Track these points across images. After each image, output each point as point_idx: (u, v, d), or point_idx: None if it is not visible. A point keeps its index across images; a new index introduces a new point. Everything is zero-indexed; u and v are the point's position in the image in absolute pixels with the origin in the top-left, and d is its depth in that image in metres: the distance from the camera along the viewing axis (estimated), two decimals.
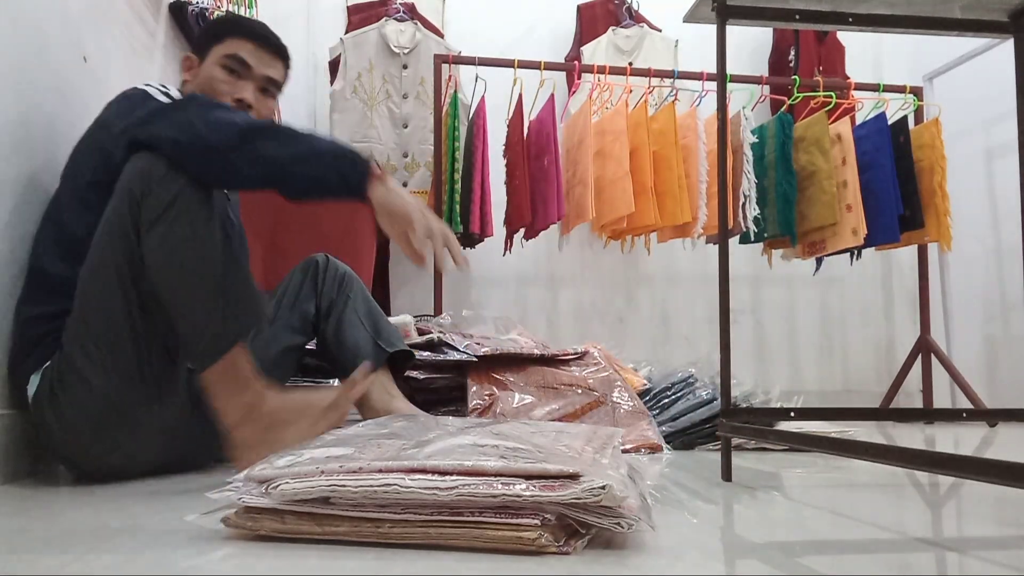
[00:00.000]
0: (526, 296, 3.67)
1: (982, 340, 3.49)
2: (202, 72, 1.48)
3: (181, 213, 1.19)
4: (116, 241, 1.20)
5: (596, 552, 0.80)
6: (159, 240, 1.19)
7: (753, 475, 1.50)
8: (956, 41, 3.19)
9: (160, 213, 1.18)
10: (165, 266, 1.20)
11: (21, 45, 1.40)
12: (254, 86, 1.48)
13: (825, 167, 3.04)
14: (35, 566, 0.79)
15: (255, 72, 1.48)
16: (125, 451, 1.28)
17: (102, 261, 1.22)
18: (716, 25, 1.39)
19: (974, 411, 1.88)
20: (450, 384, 1.93)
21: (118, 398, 1.24)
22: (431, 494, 0.79)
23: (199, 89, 1.46)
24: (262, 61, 1.49)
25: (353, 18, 3.44)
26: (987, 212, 3.45)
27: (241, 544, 0.82)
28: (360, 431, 1.08)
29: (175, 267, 1.20)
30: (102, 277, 1.22)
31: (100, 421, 1.24)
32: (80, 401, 1.23)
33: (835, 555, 0.88)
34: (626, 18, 3.62)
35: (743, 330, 3.77)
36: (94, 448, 1.26)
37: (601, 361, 2.10)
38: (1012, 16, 1.41)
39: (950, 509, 1.24)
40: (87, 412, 1.23)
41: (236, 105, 1.44)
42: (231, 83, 1.46)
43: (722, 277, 1.36)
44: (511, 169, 3.11)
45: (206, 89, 1.45)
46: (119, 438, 1.26)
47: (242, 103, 1.45)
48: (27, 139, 1.41)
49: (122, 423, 1.25)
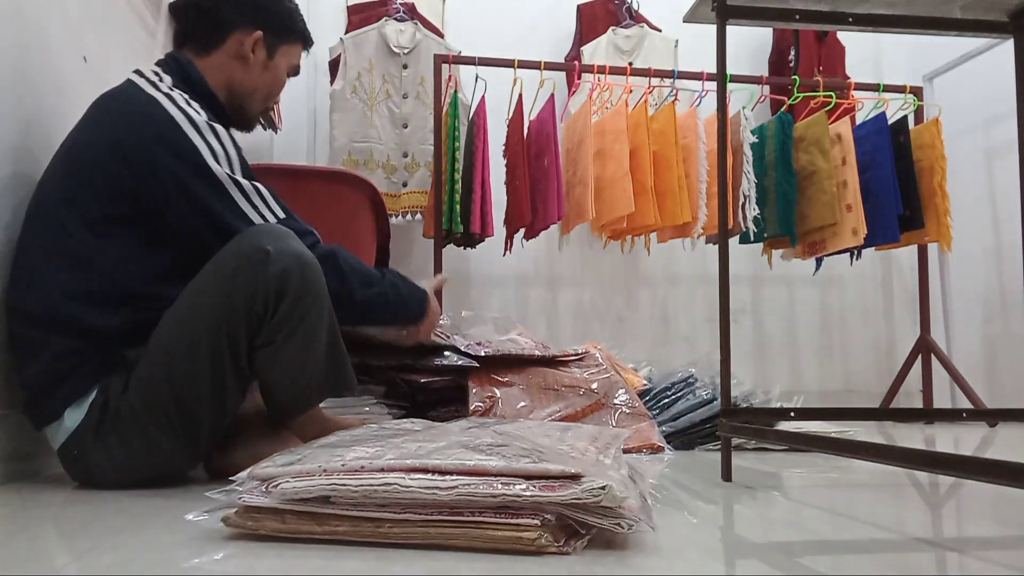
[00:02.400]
0: (526, 296, 3.67)
1: (982, 340, 3.49)
2: (273, 69, 1.48)
3: (301, 332, 1.24)
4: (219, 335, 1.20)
5: (596, 552, 0.80)
6: (273, 359, 1.24)
7: (753, 475, 1.50)
8: (956, 41, 3.19)
9: (277, 336, 1.22)
10: (276, 375, 1.27)
11: (21, 45, 1.40)
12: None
13: (825, 167, 3.04)
14: (35, 566, 0.79)
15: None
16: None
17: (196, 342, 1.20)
18: (716, 25, 1.39)
19: (974, 411, 1.88)
20: (450, 385, 1.92)
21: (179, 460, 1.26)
22: (431, 494, 0.79)
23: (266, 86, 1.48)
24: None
25: (353, 18, 3.44)
26: (987, 212, 3.45)
27: (241, 544, 0.82)
28: (375, 432, 1.09)
29: (285, 378, 1.28)
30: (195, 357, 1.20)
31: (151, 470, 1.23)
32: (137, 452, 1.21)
33: (835, 555, 0.88)
34: (626, 18, 3.61)
35: (743, 330, 3.76)
36: (127, 480, 1.24)
37: (602, 362, 2.09)
38: (1012, 16, 1.41)
39: (950, 509, 1.24)
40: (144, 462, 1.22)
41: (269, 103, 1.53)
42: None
43: (722, 277, 1.36)
44: (511, 169, 3.11)
45: (273, 90, 1.50)
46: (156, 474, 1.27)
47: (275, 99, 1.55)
48: (27, 139, 1.41)
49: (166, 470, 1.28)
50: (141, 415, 1.20)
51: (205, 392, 1.21)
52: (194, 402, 1.21)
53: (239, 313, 1.19)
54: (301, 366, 1.27)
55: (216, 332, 1.19)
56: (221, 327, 1.19)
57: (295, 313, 1.21)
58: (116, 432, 1.20)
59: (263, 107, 1.51)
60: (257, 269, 1.18)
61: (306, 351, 1.25)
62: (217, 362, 1.20)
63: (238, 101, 1.46)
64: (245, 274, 1.19)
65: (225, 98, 1.44)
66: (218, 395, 1.22)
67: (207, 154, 1.26)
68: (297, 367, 1.27)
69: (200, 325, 1.19)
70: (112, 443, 1.21)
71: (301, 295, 1.21)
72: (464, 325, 2.20)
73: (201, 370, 1.20)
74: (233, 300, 1.18)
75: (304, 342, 1.24)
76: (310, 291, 1.23)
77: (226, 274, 1.20)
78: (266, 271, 1.18)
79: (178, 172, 1.24)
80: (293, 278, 1.20)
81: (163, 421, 1.20)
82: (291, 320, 1.21)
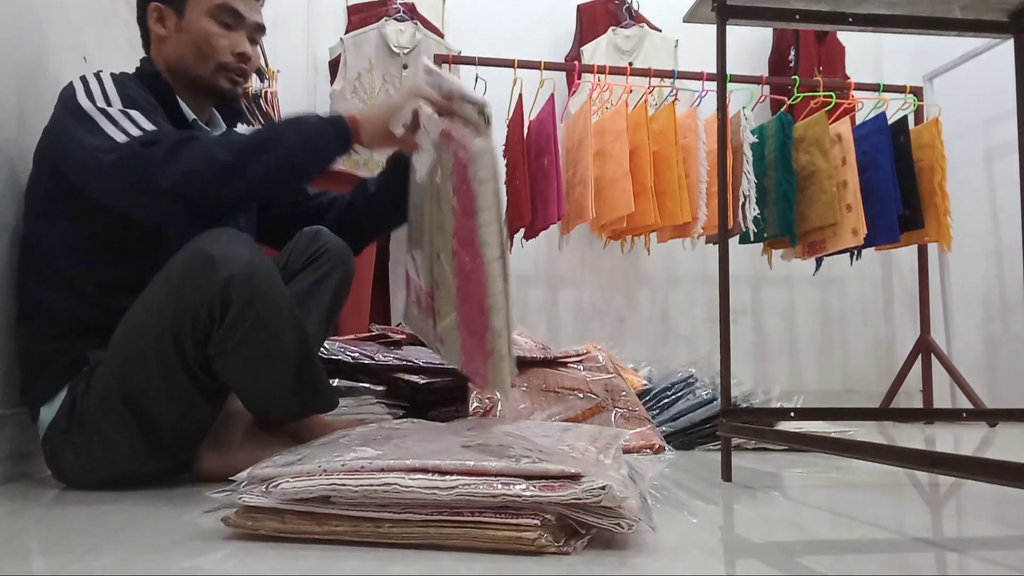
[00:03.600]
0: (526, 296, 3.67)
1: (982, 340, 3.49)
2: (188, 27, 1.34)
3: (254, 341, 1.17)
4: (166, 342, 1.15)
5: (596, 552, 0.80)
6: (228, 367, 1.19)
7: (753, 475, 1.50)
8: (956, 41, 3.18)
9: (227, 346, 1.16)
10: (238, 383, 1.23)
11: (21, 45, 1.40)
12: (247, 33, 1.37)
13: (825, 167, 3.04)
14: (35, 566, 0.79)
15: (247, 20, 1.37)
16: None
17: (144, 348, 1.16)
18: (716, 25, 1.39)
19: (974, 411, 1.88)
20: (450, 385, 1.92)
21: (140, 462, 1.23)
22: (431, 494, 0.79)
23: (191, 46, 1.34)
24: (251, 8, 1.38)
25: (353, 18, 3.44)
26: (987, 212, 3.45)
27: (241, 544, 0.82)
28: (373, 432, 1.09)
29: (248, 387, 1.24)
30: (145, 362, 1.17)
31: (111, 472, 1.23)
32: (97, 453, 1.21)
33: (835, 555, 0.88)
34: (626, 18, 3.61)
35: (743, 330, 3.76)
36: (91, 480, 1.24)
37: (604, 364, 2.09)
38: (1012, 16, 1.41)
39: (950, 509, 1.24)
40: (104, 463, 1.22)
41: (237, 60, 1.35)
42: (228, 37, 1.35)
43: (722, 277, 1.36)
44: (511, 169, 3.11)
45: (200, 45, 1.33)
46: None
47: (243, 57, 1.36)
48: (27, 139, 1.41)
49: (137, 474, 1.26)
50: (97, 416, 1.19)
51: (160, 396, 1.18)
52: (149, 405, 1.18)
53: (185, 321, 1.14)
54: (261, 376, 1.21)
55: (163, 339, 1.15)
56: (167, 334, 1.15)
57: (243, 322, 1.14)
58: (80, 432, 1.21)
59: (209, 68, 1.35)
60: (202, 276, 1.13)
61: (263, 360, 1.19)
62: (168, 368, 1.16)
63: (184, 77, 1.36)
64: (191, 280, 1.14)
65: (174, 81, 1.37)
66: (175, 399, 1.19)
67: (81, 93, 1.23)
68: (257, 377, 1.21)
69: (148, 331, 1.16)
70: (77, 443, 1.21)
71: (248, 303, 1.14)
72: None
73: (152, 375, 1.17)
74: (179, 306, 1.14)
75: (259, 351, 1.18)
76: (259, 299, 1.15)
77: (173, 280, 1.16)
78: (210, 278, 1.12)
79: (60, 119, 1.25)
80: (238, 284, 1.13)
81: (118, 423, 1.19)
82: (239, 329, 1.14)
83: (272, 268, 1.20)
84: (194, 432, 1.26)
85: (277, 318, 1.18)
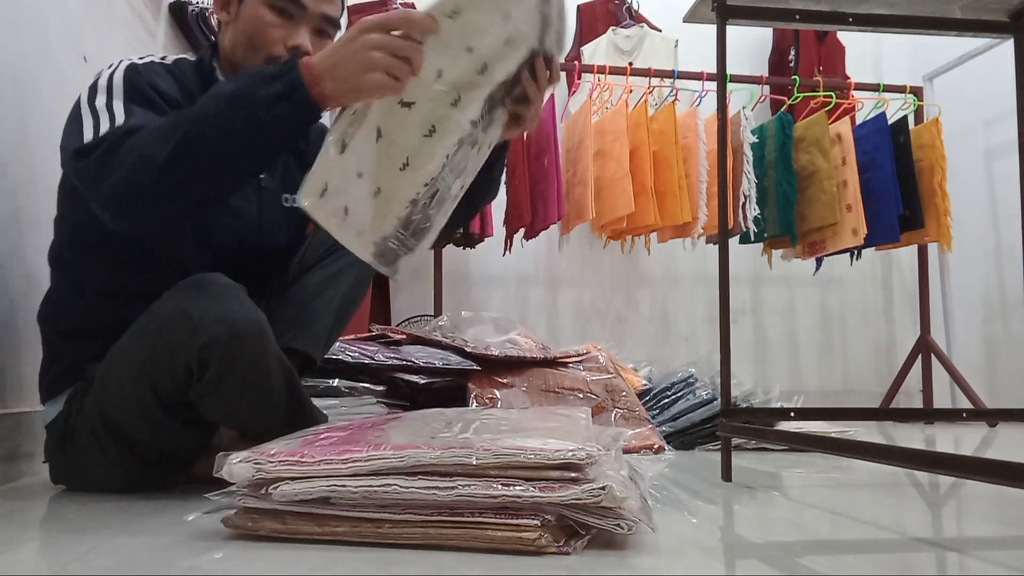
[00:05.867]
0: (526, 296, 3.67)
1: (982, 340, 3.49)
2: (244, 14, 1.22)
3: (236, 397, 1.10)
4: (143, 388, 1.10)
5: (596, 552, 0.80)
6: (212, 412, 1.13)
7: (753, 475, 1.50)
8: (956, 41, 3.19)
9: (206, 399, 1.10)
10: (224, 422, 1.18)
11: (21, 45, 1.40)
12: (310, 29, 1.23)
13: (825, 167, 3.04)
14: (35, 566, 0.79)
15: (310, 12, 1.22)
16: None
17: (122, 387, 1.12)
18: (716, 25, 1.39)
19: (974, 411, 1.88)
20: (451, 386, 1.92)
21: (129, 484, 1.19)
22: (431, 494, 0.79)
23: (243, 34, 1.23)
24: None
25: (353, 18, 3.44)
26: (987, 212, 3.45)
27: (241, 544, 0.82)
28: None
29: (234, 426, 1.19)
30: (124, 400, 1.13)
31: (109, 489, 1.20)
32: (88, 471, 1.19)
33: (835, 555, 0.88)
34: (626, 18, 3.61)
35: (743, 330, 3.76)
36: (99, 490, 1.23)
37: (604, 364, 2.09)
38: (1012, 16, 1.40)
39: (950, 509, 1.24)
40: (95, 481, 1.20)
41: (290, 54, 1.20)
42: (284, 27, 1.21)
43: (722, 277, 1.36)
44: (511, 169, 3.11)
45: (252, 35, 1.22)
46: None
47: (298, 50, 1.20)
48: (27, 139, 1.41)
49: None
50: (87, 442, 1.17)
51: (143, 431, 1.14)
52: (135, 438, 1.15)
53: (162, 374, 1.08)
54: (247, 421, 1.16)
55: (140, 384, 1.10)
56: (144, 381, 1.10)
57: (223, 381, 1.07)
58: (73, 446, 1.19)
59: (258, 60, 1.22)
60: (178, 336, 1.05)
61: (249, 413, 1.14)
62: (147, 411, 1.12)
63: (235, 68, 1.26)
64: (167, 338, 1.07)
65: (228, 72, 1.28)
66: (161, 433, 1.15)
67: (87, 87, 1.14)
68: (243, 421, 1.17)
69: (124, 378, 1.12)
70: (70, 454, 1.19)
71: (228, 367, 1.06)
72: (463, 325, 2.20)
73: (133, 416, 1.13)
74: (155, 360, 1.08)
75: (244, 406, 1.12)
76: (241, 363, 1.07)
77: (149, 336, 1.09)
78: (187, 341, 1.05)
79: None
80: (218, 349, 1.04)
81: (107, 451, 1.16)
82: (220, 387, 1.08)
83: (258, 325, 1.09)
84: (187, 455, 1.23)
85: (262, 381, 1.11)
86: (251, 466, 0.83)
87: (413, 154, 1.03)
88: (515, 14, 1.00)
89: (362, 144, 1.01)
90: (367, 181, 1.03)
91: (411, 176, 1.04)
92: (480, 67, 1.02)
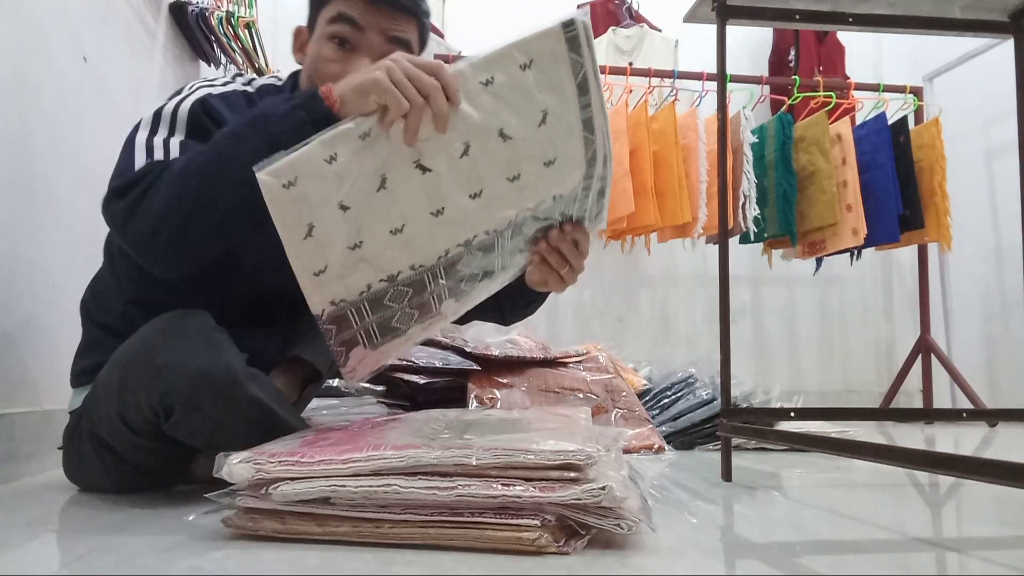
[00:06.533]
0: None
1: (982, 340, 3.49)
2: (309, 51, 1.18)
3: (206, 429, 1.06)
4: (114, 419, 1.09)
5: (596, 552, 0.80)
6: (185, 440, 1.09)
7: (753, 475, 1.50)
8: (956, 41, 3.19)
9: (180, 434, 1.07)
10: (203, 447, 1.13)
11: (21, 45, 1.40)
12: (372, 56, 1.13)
13: (825, 167, 3.04)
14: (35, 566, 0.79)
15: (368, 37, 1.14)
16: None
17: (98, 407, 1.11)
18: (716, 25, 1.39)
19: (974, 411, 1.88)
20: (451, 386, 1.92)
21: (128, 486, 1.19)
22: (431, 494, 0.79)
23: (305, 75, 1.19)
24: (377, 16, 1.14)
25: None
26: (987, 212, 3.45)
27: (241, 544, 0.82)
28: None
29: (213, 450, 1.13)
30: (101, 421, 1.12)
31: (109, 489, 1.21)
32: (92, 472, 1.20)
33: (835, 555, 0.88)
34: (626, 18, 3.62)
35: (743, 330, 3.77)
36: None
37: (604, 364, 2.09)
38: (1012, 16, 1.41)
39: (950, 509, 1.24)
40: (97, 480, 1.21)
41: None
42: (341, 62, 1.14)
43: (722, 277, 1.36)
44: None
45: (312, 72, 1.16)
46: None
47: None
48: (27, 139, 1.41)
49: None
50: (88, 449, 1.17)
51: (132, 451, 1.13)
52: (127, 456, 1.14)
53: (131, 411, 1.07)
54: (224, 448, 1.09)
55: (112, 414, 1.10)
56: (116, 412, 1.09)
57: (189, 423, 1.05)
58: (78, 439, 1.19)
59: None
60: (143, 380, 1.04)
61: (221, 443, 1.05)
62: (126, 438, 1.11)
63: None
64: (132, 380, 1.06)
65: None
66: (148, 455, 1.13)
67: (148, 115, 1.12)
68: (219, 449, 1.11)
69: (104, 397, 1.11)
70: (74, 445, 1.20)
71: (191, 412, 1.04)
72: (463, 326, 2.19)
73: (118, 438, 1.12)
74: (123, 398, 1.07)
75: (216, 440, 1.06)
76: (204, 410, 1.03)
77: (116, 371, 1.08)
78: (150, 385, 1.03)
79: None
80: (180, 399, 1.03)
81: (104, 459, 1.16)
82: (187, 426, 1.06)
83: (228, 371, 1.04)
84: (183, 467, 1.22)
85: (232, 423, 1.05)
86: (251, 466, 0.83)
87: (411, 224, 0.92)
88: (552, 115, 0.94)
89: (360, 180, 0.89)
90: (349, 222, 0.90)
91: (401, 248, 0.93)
92: (513, 174, 0.94)
